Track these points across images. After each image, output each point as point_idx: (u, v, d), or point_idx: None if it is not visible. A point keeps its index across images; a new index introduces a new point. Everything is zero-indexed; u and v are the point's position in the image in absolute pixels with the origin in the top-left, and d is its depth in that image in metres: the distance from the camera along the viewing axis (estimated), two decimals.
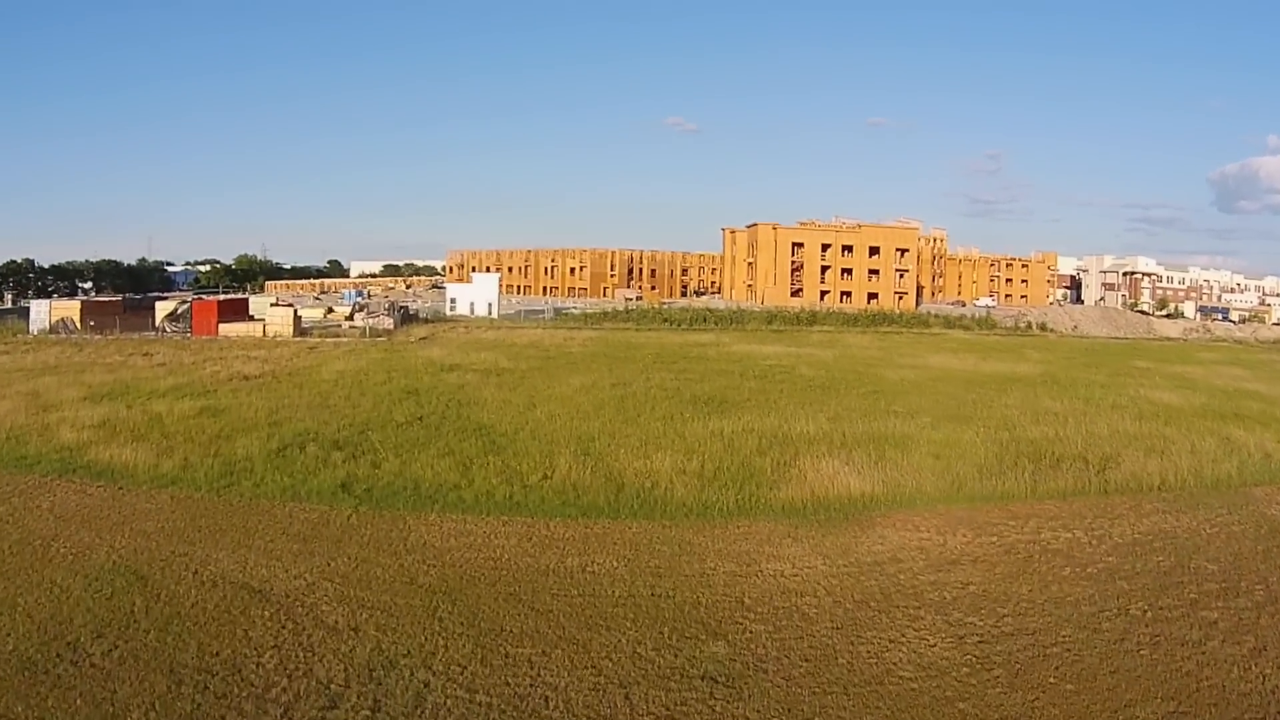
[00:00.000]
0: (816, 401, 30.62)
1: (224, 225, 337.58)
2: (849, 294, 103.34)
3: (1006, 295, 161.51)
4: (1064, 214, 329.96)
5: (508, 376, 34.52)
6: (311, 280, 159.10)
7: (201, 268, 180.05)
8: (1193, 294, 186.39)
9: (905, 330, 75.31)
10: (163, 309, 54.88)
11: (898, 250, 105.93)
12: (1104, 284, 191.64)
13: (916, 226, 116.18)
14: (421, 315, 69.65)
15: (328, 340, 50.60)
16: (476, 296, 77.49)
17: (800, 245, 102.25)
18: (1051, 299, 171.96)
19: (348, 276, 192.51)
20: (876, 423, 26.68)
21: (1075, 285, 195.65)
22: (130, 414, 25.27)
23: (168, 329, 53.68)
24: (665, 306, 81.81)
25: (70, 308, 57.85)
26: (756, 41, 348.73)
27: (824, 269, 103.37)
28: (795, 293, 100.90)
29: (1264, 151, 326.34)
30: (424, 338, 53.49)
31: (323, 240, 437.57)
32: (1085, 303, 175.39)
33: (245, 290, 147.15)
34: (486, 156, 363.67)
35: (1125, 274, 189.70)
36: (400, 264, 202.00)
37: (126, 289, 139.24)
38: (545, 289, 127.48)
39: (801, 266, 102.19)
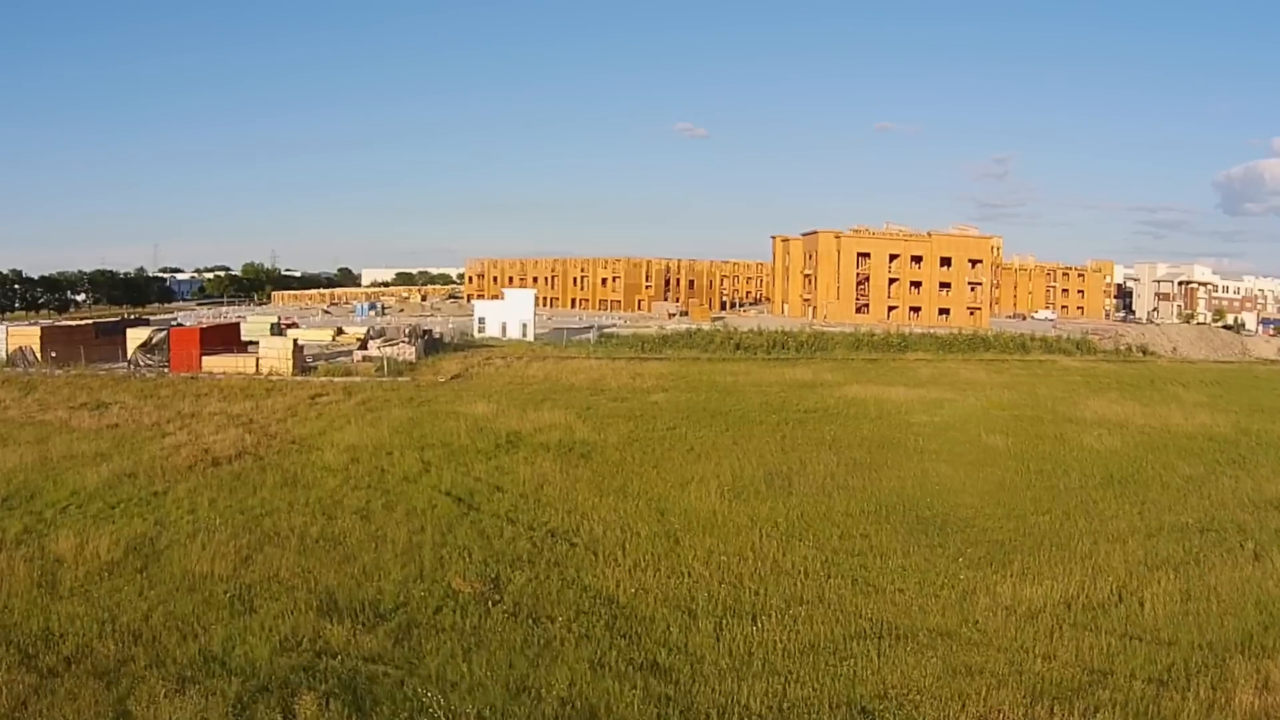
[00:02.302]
0: (1065, 513, 19.99)
1: (234, 231, 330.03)
2: (918, 309, 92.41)
3: (1063, 307, 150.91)
4: (1070, 217, 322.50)
5: (599, 460, 23.59)
6: (321, 290, 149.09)
7: (208, 276, 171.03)
8: (1248, 304, 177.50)
9: (1008, 357, 64.69)
10: (135, 338, 44.56)
11: (970, 261, 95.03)
12: (1157, 294, 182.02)
13: (990, 236, 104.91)
14: (446, 339, 59.27)
15: (336, 381, 40.20)
16: (509, 316, 66.83)
17: (866, 256, 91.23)
18: (1107, 311, 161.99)
19: (359, 285, 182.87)
20: (1221, 568, 16.11)
21: (1124, 295, 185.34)
22: (11, 564, 14.95)
23: (141, 362, 43.44)
24: (727, 327, 71.15)
25: (29, 335, 47.66)
26: (763, 46, 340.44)
27: (891, 281, 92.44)
28: (860, 308, 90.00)
29: (1268, 154, 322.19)
30: (457, 376, 43.02)
31: (333, 247, 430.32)
32: (1136, 313, 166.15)
33: (252, 300, 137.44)
34: (495, 161, 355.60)
35: (1181, 283, 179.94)
36: (414, 272, 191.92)
37: (123, 300, 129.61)
38: (574, 300, 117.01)
39: (867, 279, 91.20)
